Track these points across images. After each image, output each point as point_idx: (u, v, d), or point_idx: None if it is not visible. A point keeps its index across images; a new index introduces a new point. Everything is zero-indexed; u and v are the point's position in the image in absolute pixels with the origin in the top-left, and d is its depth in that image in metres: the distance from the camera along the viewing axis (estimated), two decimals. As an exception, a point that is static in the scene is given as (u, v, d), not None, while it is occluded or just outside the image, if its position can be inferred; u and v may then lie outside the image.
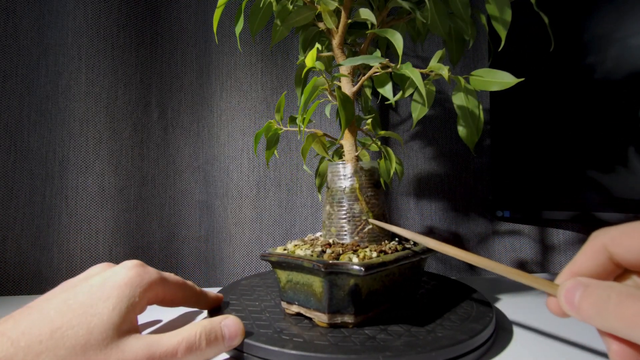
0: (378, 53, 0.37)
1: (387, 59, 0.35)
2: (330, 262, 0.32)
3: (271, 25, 0.42)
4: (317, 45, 0.34)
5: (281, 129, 0.43)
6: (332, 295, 0.32)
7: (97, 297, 0.26)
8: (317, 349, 0.29)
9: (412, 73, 0.34)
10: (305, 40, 0.47)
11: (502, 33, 0.36)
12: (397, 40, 0.34)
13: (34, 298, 0.27)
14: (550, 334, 0.36)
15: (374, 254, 0.33)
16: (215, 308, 0.38)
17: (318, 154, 0.43)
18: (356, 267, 0.30)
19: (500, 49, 0.38)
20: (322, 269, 0.31)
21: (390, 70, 0.36)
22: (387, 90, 0.36)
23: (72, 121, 0.55)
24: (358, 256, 0.33)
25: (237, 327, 0.30)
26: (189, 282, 0.35)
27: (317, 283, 0.33)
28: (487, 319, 0.33)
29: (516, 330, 0.37)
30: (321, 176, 0.47)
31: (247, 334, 0.31)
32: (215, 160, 0.60)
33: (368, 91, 0.49)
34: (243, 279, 0.50)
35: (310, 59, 0.34)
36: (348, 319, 0.33)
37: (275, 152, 0.46)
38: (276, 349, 0.29)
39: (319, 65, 0.35)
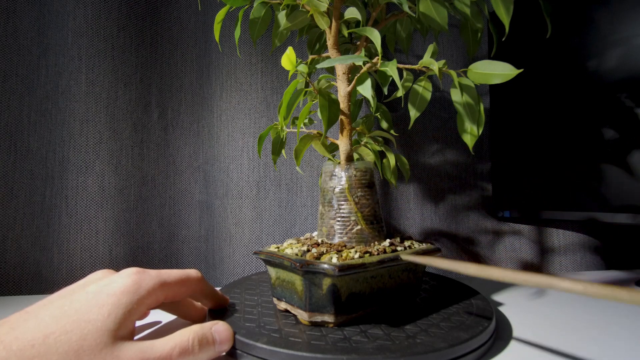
0: (363, 53, 0.37)
1: (367, 58, 0.34)
2: (307, 261, 0.32)
3: (271, 27, 0.42)
4: (290, 47, 0.34)
5: (285, 131, 0.43)
6: (311, 294, 0.33)
7: (93, 304, 0.26)
8: (287, 345, 0.29)
9: (392, 71, 0.33)
10: (310, 41, 0.47)
11: (506, 20, 0.34)
12: (375, 37, 0.33)
13: (34, 298, 0.27)
14: (553, 341, 0.36)
15: (357, 255, 0.33)
16: (218, 310, 0.37)
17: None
18: (329, 266, 0.31)
19: (504, 38, 0.38)
20: (299, 268, 0.32)
21: (375, 68, 0.36)
22: (365, 89, 0.35)
23: (72, 121, 0.55)
24: (341, 256, 0.32)
25: (227, 333, 0.30)
26: (192, 274, 0.34)
27: (298, 281, 0.34)
28: (479, 329, 0.32)
29: (515, 338, 0.35)
30: None
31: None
32: (215, 160, 0.60)
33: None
34: (255, 274, 0.51)
35: (287, 62, 0.34)
36: (328, 318, 0.33)
37: (283, 152, 0.46)
38: (250, 341, 0.30)
39: (302, 69, 0.34)
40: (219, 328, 0.30)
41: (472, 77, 0.36)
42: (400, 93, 0.40)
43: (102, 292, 0.27)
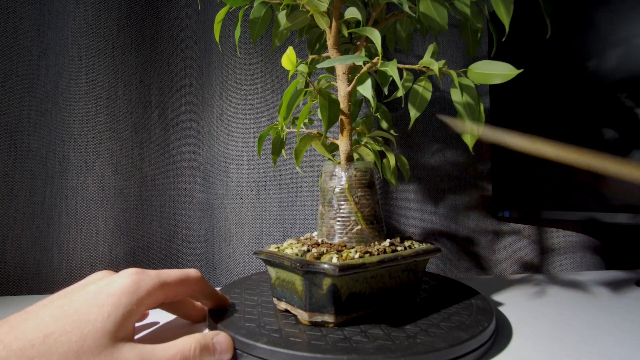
0: (363, 53, 0.37)
1: (367, 58, 0.34)
2: (307, 261, 0.32)
3: (271, 27, 0.42)
4: (290, 47, 0.34)
5: (285, 131, 0.43)
6: (311, 294, 0.33)
7: (93, 304, 0.26)
8: (288, 345, 0.29)
9: (392, 71, 0.33)
10: (310, 41, 0.47)
11: (506, 20, 0.34)
12: (376, 37, 0.33)
13: (34, 298, 0.27)
14: (553, 341, 0.36)
15: (357, 255, 0.33)
16: (218, 310, 0.37)
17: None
18: (329, 266, 0.31)
19: (504, 38, 0.38)
20: (299, 268, 0.32)
21: (375, 68, 0.36)
22: (365, 89, 0.35)
23: (72, 121, 0.55)
24: (341, 256, 0.32)
25: (227, 345, 0.31)
26: (192, 273, 0.34)
27: (298, 281, 0.34)
28: (479, 329, 0.32)
29: (515, 338, 0.35)
30: None
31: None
32: (215, 160, 0.60)
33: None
34: (254, 274, 0.51)
35: (287, 62, 0.34)
36: (328, 318, 0.33)
37: (283, 152, 0.46)
38: (250, 341, 0.30)
39: (303, 69, 0.34)
40: (220, 339, 0.30)
41: (472, 77, 0.36)
42: (400, 93, 0.40)
43: (102, 292, 0.28)
